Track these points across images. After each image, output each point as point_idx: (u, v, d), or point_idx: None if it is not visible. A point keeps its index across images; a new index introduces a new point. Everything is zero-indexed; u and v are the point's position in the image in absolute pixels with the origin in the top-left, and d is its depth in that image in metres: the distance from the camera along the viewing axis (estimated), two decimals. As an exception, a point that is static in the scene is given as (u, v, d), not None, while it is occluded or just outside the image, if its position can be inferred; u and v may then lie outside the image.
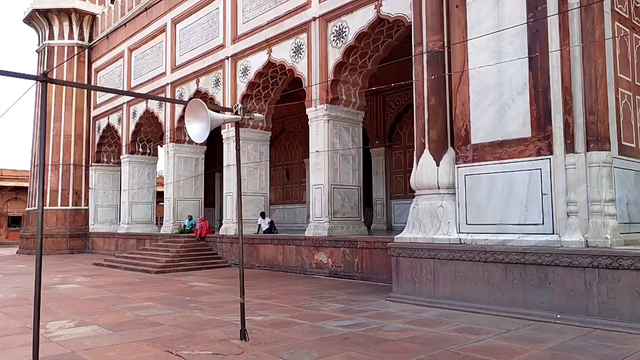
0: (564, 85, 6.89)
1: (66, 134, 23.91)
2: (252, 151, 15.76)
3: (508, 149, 7.42)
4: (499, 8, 7.70)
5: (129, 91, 19.61)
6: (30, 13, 24.29)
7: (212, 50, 16.62)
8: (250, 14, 15.19)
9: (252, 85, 15.17)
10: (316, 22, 12.87)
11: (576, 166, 6.70)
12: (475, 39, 7.94)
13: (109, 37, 23.30)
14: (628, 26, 7.53)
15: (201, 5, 17.22)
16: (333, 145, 12.64)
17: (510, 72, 7.48)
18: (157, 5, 19.66)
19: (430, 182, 8.37)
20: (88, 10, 24.34)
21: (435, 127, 8.46)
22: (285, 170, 23.99)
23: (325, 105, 12.54)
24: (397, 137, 19.12)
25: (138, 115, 20.80)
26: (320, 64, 12.71)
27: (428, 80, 8.46)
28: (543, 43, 7.13)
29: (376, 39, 12.21)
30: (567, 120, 6.83)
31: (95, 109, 24.27)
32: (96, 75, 24.50)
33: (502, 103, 7.58)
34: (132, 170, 21.37)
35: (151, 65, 20.22)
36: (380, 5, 11.38)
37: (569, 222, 6.67)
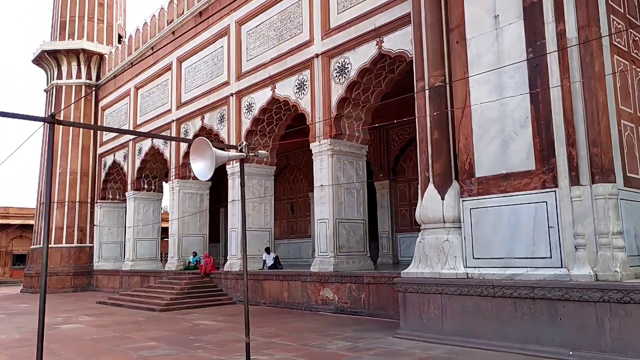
0: (566, 117, 6.93)
1: (72, 172, 24.11)
2: (256, 186, 15.79)
3: (513, 182, 7.40)
4: (499, 43, 7.82)
5: (135, 131, 19.88)
6: (40, 54, 24.86)
7: (217, 87, 16.88)
8: (254, 51, 15.49)
9: (256, 121, 15.33)
10: (319, 58, 13.09)
11: (582, 198, 6.66)
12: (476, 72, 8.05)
13: (116, 75, 23.76)
14: (627, 59, 7.62)
15: (206, 44, 17.59)
16: (337, 180, 12.66)
17: (511, 105, 7.54)
18: (163, 44, 20.09)
19: (435, 216, 8.33)
20: (96, 51, 24.89)
21: (439, 161, 8.48)
22: (290, 204, 23.98)
23: (329, 140, 12.63)
24: (401, 170, 19.15)
25: (144, 152, 20.99)
26: (324, 99, 12.86)
27: (431, 114, 8.53)
28: (543, 76, 7.20)
29: (378, 74, 12.39)
30: (570, 153, 6.83)
31: (102, 147, 24.53)
32: (103, 113, 24.87)
33: (505, 136, 7.61)
34: (137, 207, 21.41)
35: (157, 103, 20.53)
36: (381, 42, 11.58)
37: (577, 256, 6.59)
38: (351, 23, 12.25)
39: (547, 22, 7.23)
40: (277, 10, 14.64)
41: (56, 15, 25.78)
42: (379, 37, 11.62)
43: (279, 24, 14.60)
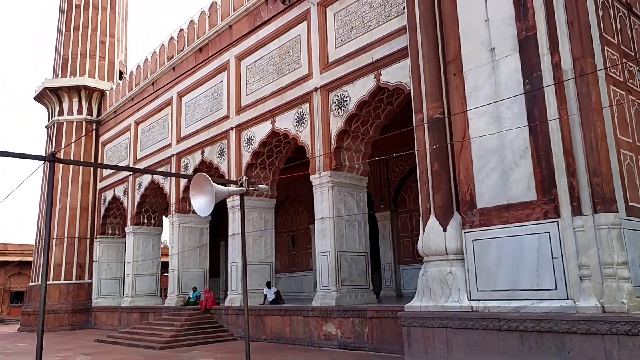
0: (565, 148, 6.95)
1: (72, 207, 24.05)
2: (257, 219, 15.71)
3: (514, 213, 7.37)
4: (495, 75, 7.91)
5: (134, 168, 19.94)
6: (42, 91, 25.15)
7: (217, 122, 17.00)
8: (254, 86, 15.66)
9: (256, 155, 15.38)
10: (318, 92, 13.22)
11: (585, 229, 6.62)
12: (474, 104, 8.11)
13: (117, 111, 23.98)
14: (623, 89, 7.69)
15: (206, 78, 17.81)
16: (338, 212, 12.60)
17: (511, 136, 7.57)
18: (164, 79, 20.35)
19: (438, 248, 8.26)
20: (97, 87, 25.19)
21: (440, 192, 8.47)
22: (290, 236, 23.83)
23: (329, 172, 12.63)
24: (402, 201, 19.11)
25: (143, 186, 20.98)
26: (323, 132, 12.93)
27: (430, 146, 8.56)
28: (541, 107, 7.26)
29: (377, 106, 12.49)
30: (571, 183, 6.82)
31: (102, 182, 24.55)
32: (103, 148, 24.99)
33: (505, 167, 7.62)
34: (137, 242, 21.27)
35: (157, 137, 20.65)
36: (379, 75, 11.72)
37: (582, 287, 6.50)
38: (349, 57, 12.43)
39: (542, 55, 7.34)
40: (275, 45, 14.88)
41: (59, 53, 26.20)
42: (377, 70, 11.76)
43: (277, 58, 14.82)
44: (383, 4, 11.83)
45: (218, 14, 17.48)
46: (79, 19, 25.89)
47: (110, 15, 26.56)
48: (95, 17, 26.05)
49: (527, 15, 7.56)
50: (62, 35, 26.25)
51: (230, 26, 16.85)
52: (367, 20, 12.14)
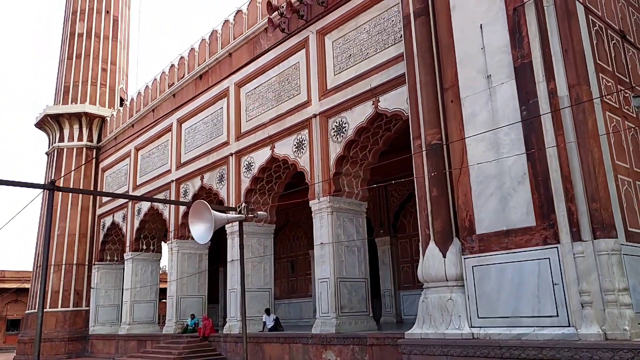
0: (563, 173, 6.98)
1: (71, 233, 23.94)
2: (256, 245, 15.64)
3: (514, 239, 7.35)
4: (492, 102, 7.99)
5: (133, 195, 19.97)
6: (43, 118, 25.32)
7: (217, 148, 17.08)
8: (254, 112, 15.79)
9: (255, 180, 15.41)
10: (317, 118, 13.33)
11: (585, 254, 6.60)
12: (472, 131, 8.17)
13: (117, 137, 24.10)
14: (619, 115, 7.77)
15: (206, 105, 17.95)
16: (337, 237, 12.57)
17: (509, 161, 7.61)
18: (164, 106, 20.53)
19: (437, 274, 8.21)
20: (98, 114, 25.37)
21: (439, 218, 8.46)
22: (290, 262, 23.68)
23: (328, 198, 12.64)
24: (401, 226, 19.05)
25: (143, 212, 20.94)
26: (322, 158, 12.99)
27: (429, 173, 8.59)
28: (538, 133, 7.32)
29: (375, 132, 12.58)
30: (570, 208, 6.83)
31: (101, 208, 24.50)
32: (103, 174, 25.03)
33: (503, 192, 7.63)
34: (136, 268, 21.11)
35: (157, 163, 20.71)
36: (377, 101, 11.83)
37: (584, 314, 6.45)
38: (348, 84, 12.57)
39: (538, 82, 7.43)
40: (275, 72, 15.06)
41: (60, 80, 26.47)
42: (375, 97, 11.88)
43: (277, 85, 14.98)
44: (380, 32, 12.03)
45: (218, 42, 17.73)
46: (81, 47, 26.23)
47: (112, 44, 26.93)
48: (97, 45, 26.40)
49: (522, 44, 7.68)
50: (64, 62, 26.56)
51: (230, 54, 17.08)
52: (365, 48, 12.32)
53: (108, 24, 27.00)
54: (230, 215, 6.27)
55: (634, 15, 9.44)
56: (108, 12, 27.09)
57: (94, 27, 26.52)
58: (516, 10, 7.80)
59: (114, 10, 27.39)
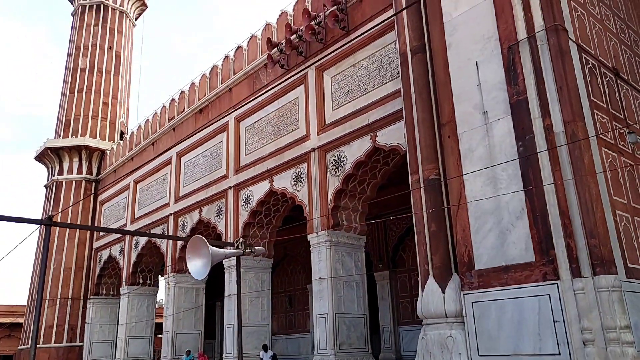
0: (561, 209, 6.98)
1: (67, 267, 23.72)
2: (253, 279, 15.48)
3: (513, 274, 7.29)
4: (489, 138, 8.06)
5: (131, 230, 19.86)
6: (43, 151, 25.45)
7: (215, 181, 17.10)
8: (253, 146, 15.89)
9: (254, 214, 15.37)
10: (315, 152, 13.40)
11: (585, 291, 6.54)
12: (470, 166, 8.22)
13: (116, 170, 24.17)
14: (615, 151, 7.83)
15: (205, 139, 18.07)
16: (336, 272, 12.45)
17: (507, 197, 7.62)
18: (164, 139, 20.67)
19: (437, 310, 8.11)
20: (98, 147, 25.52)
21: (438, 253, 8.41)
22: (288, 297, 23.39)
23: (327, 231, 12.59)
24: (400, 260, 18.92)
25: (140, 245, 20.80)
26: (320, 191, 13.01)
27: (427, 207, 8.59)
28: (535, 169, 7.35)
29: (373, 166, 12.64)
30: (569, 244, 6.81)
31: (98, 241, 24.35)
32: (101, 207, 24.98)
33: (502, 228, 7.61)
34: (132, 303, 20.82)
35: (155, 196, 20.69)
36: (375, 136, 11.93)
37: (586, 352, 6.34)
38: (346, 119, 12.70)
39: (534, 118, 7.52)
40: (274, 107, 15.23)
41: (62, 113, 26.74)
42: (373, 132, 11.99)
43: (276, 120, 15.13)
44: (378, 69, 12.23)
45: (218, 77, 17.99)
46: (83, 81, 26.63)
47: (114, 78, 27.33)
48: (99, 80, 26.80)
49: (517, 81, 7.81)
50: (66, 96, 26.89)
51: (230, 89, 17.31)
52: (363, 84, 12.51)
53: (110, 59, 27.47)
54: (227, 251, 6.24)
55: (626, 53, 9.63)
56: (111, 48, 27.60)
57: (96, 62, 26.99)
58: (511, 49, 7.96)
59: (117, 46, 27.91)
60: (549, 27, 7.64)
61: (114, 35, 27.91)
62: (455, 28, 8.94)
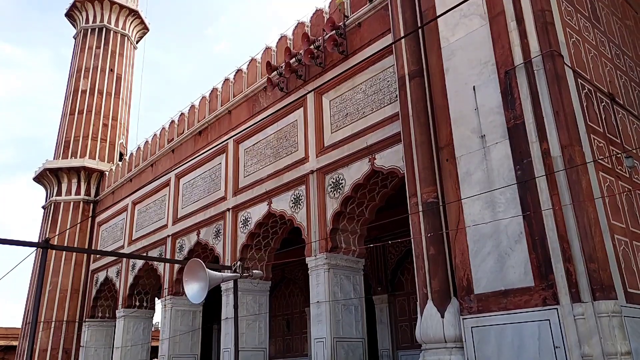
0: (559, 233, 6.97)
1: (63, 289, 23.49)
2: (251, 302, 15.33)
3: (513, 299, 7.25)
4: (487, 161, 8.10)
5: (128, 254, 19.78)
6: (42, 172, 25.44)
7: (214, 203, 17.07)
8: (251, 168, 15.92)
9: (252, 236, 15.31)
10: (314, 175, 13.42)
11: (585, 316, 6.49)
12: (468, 189, 8.24)
13: (115, 191, 24.15)
14: (612, 175, 7.86)
15: (204, 161, 18.10)
16: (334, 295, 12.35)
17: (505, 220, 7.62)
18: (163, 161, 20.70)
19: (436, 335, 8.03)
20: (97, 168, 25.51)
21: (436, 277, 8.37)
22: (285, 320, 23.17)
23: (325, 254, 12.52)
24: (399, 283, 18.80)
25: (137, 267, 20.64)
26: (319, 213, 12.99)
27: (426, 230, 8.58)
28: (533, 193, 7.37)
29: (372, 189, 12.64)
30: (568, 269, 6.78)
31: (95, 262, 24.17)
32: (99, 228, 24.87)
33: (500, 251, 7.59)
34: (127, 326, 20.56)
35: (153, 218, 20.63)
36: (374, 159, 11.97)
37: (587, 379, 6.27)
38: (344, 142, 12.76)
39: (531, 142, 7.56)
40: (273, 129, 15.30)
41: (61, 135, 26.81)
42: (371, 154, 12.03)
43: (275, 142, 15.18)
44: (377, 92, 12.34)
45: (218, 100, 18.12)
46: (84, 103, 26.76)
47: (115, 100, 27.51)
48: (99, 102, 26.95)
49: (514, 105, 7.88)
50: (66, 117, 27.00)
51: (230, 111, 17.42)
52: (362, 107, 12.60)
53: (111, 81, 27.68)
54: (225, 274, 6.20)
55: (622, 79, 9.75)
56: (112, 70, 27.84)
57: (97, 83, 27.17)
58: (507, 74, 8.06)
59: (118, 68, 28.17)
60: (545, 53, 7.75)
61: (115, 58, 28.18)
62: (452, 53, 9.06)
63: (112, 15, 28.85)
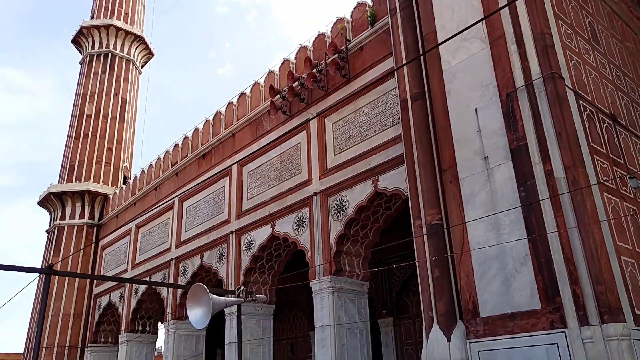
0: (565, 255, 6.92)
1: (65, 314, 23.34)
2: (254, 326, 15.18)
3: (519, 322, 7.15)
4: (491, 183, 8.08)
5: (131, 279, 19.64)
6: (46, 196, 25.53)
7: (217, 226, 17.05)
8: (255, 190, 15.93)
9: (255, 259, 15.23)
10: (317, 197, 13.41)
11: (594, 340, 6.39)
12: (472, 211, 8.21)
13: (118, 215, 24.16)
14: (617, 196, 7.83)
15: (208, 184, 18.13)
16: (339, 319, 12.22)
17: (510, 242, 7.56)
18: (167, 184, 20.75)
19: (442, 359, 7.91)
20: (101, 192, 25.59)
21: (442, 300, 8.28)
22: (290, 344, 22.89)
23: (329, 277, 12.43)
24: (404, 305, 18.60)
25: (140, 292, 20.51)
26: (323, 236, 12.93)
27: (430, 252, 8.53)
28: (537, 214, 7.33)
29: (375, 211, 12.60)
30: (575, 291, 6.70)
31: (98, 286, 24.06)
32: (102, 252, 24.82)
33: (506, 274, 7.52)
34: (130, 351, 20.36)
35: (157, 241, 20.59)
36: (377, 181, 11.97)
37: (598, 405, 6.14)
38: (347, 164, 12.78)
39: (534, 163, 7.56)
40: (276, 152, 15.36)
41: (66, 159, 26.96)
42: (375, 176, 12.03)
43: (278, 164, 15.23)
44: (379, 115, 12.41)
45: (222, 123, 18.24)
46: (89, 127, 26.99)
47: (119, 124, 27.73)
48: (104, 126, 27.17)
49: (516, 127, 7.90)
50: (71, 141, 27.20)
51: (234, 134, 17.52)
52: (364, 130, 12.66)
53: (116, 105, 27.95)
54: (228, 299, 6.16)
55: (623, 100, 9.78)
56: (117, 95, 28.14)
57: (102, 108, 27.43)
58: (509, 96, 8.10)
59: (123, 93, 28.47)
60: (546, 75, 7.80)
61: (120, 82, 28.52)
62: (454, 75, 9.13)
63: (118, 41, 29.29)
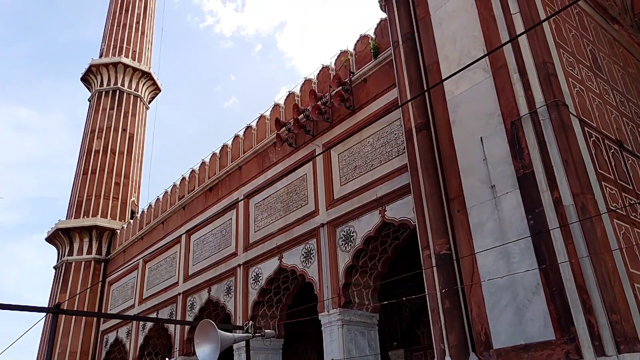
0: (577, 283, 6.81)
1: (72, 351, 23.07)
2: (263, 361, 14.93)
3: (534, 354, 6.99)
4: (499, 211, 8.03)
5: (138, 316, 19.54)
6: (54, 232, 25.59)
7: (225, 259, 16.97)
8: (262, 222, 15.91)
9: (263, 292, 15.10)
10: (324, 228, 13.37)
11: (612, 371, 6.23)
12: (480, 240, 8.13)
13: (126, 250, 24.14)
14: (627, 222, 7.74)
15: (215, 217, 18.14)
16: (349, 352, 12.00)
17: (521, 271, 7.46)
18: (174, 218, 20.78)
19: (456, 393, 7.72)
20: (109, 227, 25.65)
21: (453, 332, 8.13)
22: (299, 379, 22.42)
23: (338, 310, 12.27)
24: (415, 337, 18.27)
25: (147, 327, 20.31)
26: (331, 268, 12.83)
27: (440, 283, 8.42)
28: (547, 242, 7.25)
29: (383, 241, 12.53)
30: (589, 320, 6.57)
31: (105, 323, 23.86)
32: (109, 287, 24.70)
33: (518, 303, 7.40)
34: (137, 388, 20.03)
35: (164, 276, 20.49)
36: (384, 211, 11.94)
37: None
38: (354, 194, 12.78)
39: (542, 191, 7.52)
40: (283, 184, 15.40)
41: (74, 195, 27.13)
42: (382, 206, 12.01)
43: (285, 196, 15.25)
44: (384, 145, 12.47)
45: (228, 156, 18.37)
46: (97, 162, 27.26)
47: (127, 159, 28.00)
48: (112, 161, 27.44)
49: (522, 155, 7.90)
50: (79, 177, 27.44)
51: (240, 167, 17.62)
52: (370, 160, 12.70)
53: (124, 140, 28.28)
54: (237, 335, 6.08)
55: (629, 125, 9.79)
56: (125, 130, 28.51)
57: (110, 143, 27.76)
58: (514, 124, 8.13)
59: (130, 128, 28.85)
60: (550, 103, 7.83)
61: (128, 118, 28.93)
62: (458, 105, 9.19)
63: (126, 77, 29.85)
